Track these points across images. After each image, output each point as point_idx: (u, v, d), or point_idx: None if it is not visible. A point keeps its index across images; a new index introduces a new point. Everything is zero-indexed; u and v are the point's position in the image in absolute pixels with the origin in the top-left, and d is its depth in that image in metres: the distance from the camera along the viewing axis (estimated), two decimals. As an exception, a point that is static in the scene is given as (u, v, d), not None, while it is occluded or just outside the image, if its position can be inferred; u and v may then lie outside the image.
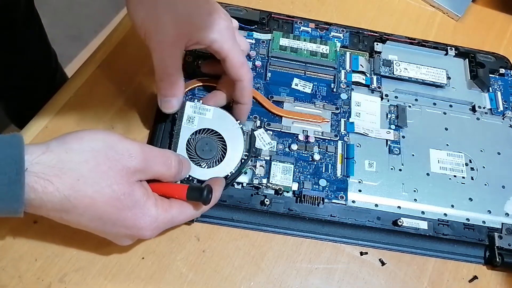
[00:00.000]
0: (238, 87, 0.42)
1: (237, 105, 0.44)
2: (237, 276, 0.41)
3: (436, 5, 0.61)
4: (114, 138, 0.34)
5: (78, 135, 0.34)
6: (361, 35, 0.55)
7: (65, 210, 0.32)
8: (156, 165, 0.36)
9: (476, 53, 0.55)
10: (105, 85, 0.48)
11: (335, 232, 0.44)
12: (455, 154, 0.48)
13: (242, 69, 0.42)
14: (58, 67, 0.81)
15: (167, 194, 0.37)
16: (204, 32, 0.39)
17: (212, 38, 0.39)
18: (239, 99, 0.43)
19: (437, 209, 0.45)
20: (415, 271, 0.43)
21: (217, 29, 0.39)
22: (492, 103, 0.52)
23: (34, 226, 0.40)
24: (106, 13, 1.39)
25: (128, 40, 0.51)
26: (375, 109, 0.50)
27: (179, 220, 0.38)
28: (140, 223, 0.35)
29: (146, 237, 0.36)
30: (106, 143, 0.34)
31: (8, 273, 0.38)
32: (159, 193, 0.37)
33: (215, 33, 0.39)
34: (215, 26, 0.39)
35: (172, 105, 0.42)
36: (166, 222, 0.36)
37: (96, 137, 0.34)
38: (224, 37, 0.40)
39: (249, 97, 0.43)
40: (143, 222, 0.35)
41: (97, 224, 0.34)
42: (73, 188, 0.31)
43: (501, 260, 0.43)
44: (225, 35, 0.40)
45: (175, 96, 0.41)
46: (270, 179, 0.43)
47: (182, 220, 0.38)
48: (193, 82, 0.47)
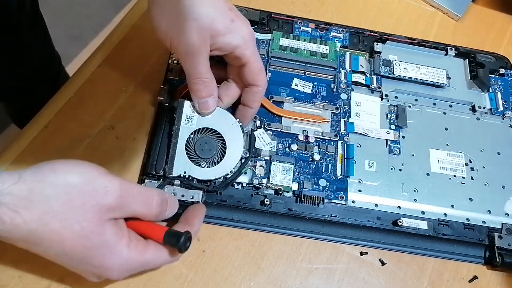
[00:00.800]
0: (252, 91, 0.43)
1: (244, 107, 0.44)
2: (237, 276, 0.41)
3: (436, 5, 0.61)
4: (93, 173, 0.33)
5: (54, 166, 0.32)
6: (361, 35, 0.55)
7: (32, 243, 0.31)
8: (135, 204, 0.35)
9: (476, 53, 0.55)
10: (105, 85, 0.48)
11: (335, 232, 0.44)
12: (455, 154, 0.49)
13: (261, 75, 0.42)
14: (61, 69, 0.82)
15: (144, 234, 0.36)
16: (227, 38, 0.39)
17: (235, 44, 0.40)
18: (250, 103, 0.43)
19: (437, 209, 0.45)
20: (415, 271, 0.43)
21: (240, 35, 0.40)
22: (492, 103, 0.52)
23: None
24: (106, 13, 1.39)
25: (128, 40, 0.51)
26: (375, 109, 0.50)
27: (154, 265, 0.36)
28: (108, 263, 0.33)
29: (113, 278, 0.35)
30: (83, 177, 0.32)
31: (8, 273, 0.38)
32: (137, 231, 0.36)
33: (238, 39, 0.40)
34: (238, 32, 0.39)
35: (209, 105, 0.42)
36: (138, 266, 0.35)
37: (73, 170, 0.33)
38: (247, 43, 0.40)
39: (259, 103, 0.44)
40: (111, 262, 0.33)
41: (63, 259, 0.33)
42: (41, 221, 0.31)
43: (501, 260, 0.43)
44: (247, 41, 0.40)
45: (211, 96, 0.42)
46: (270, 179, 0.43)
47: (157, 265, 0.37)
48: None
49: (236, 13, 0.40)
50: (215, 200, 0.42)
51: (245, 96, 0.43)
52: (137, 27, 0.52)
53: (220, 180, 0.42)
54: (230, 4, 0.40)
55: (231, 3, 0.40)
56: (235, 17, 0.39)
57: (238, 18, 0.40)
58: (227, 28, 0.39)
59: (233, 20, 0.39)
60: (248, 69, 0.41)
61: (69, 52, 1.27)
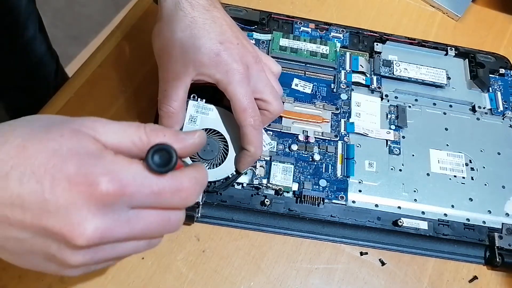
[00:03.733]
0: (240, 131, 0.40)
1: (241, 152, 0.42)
2: (237, 276, 0.41)
3: (436, 5, 0.61)
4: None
5: None
6: (361, 35, 0.55)
7: None
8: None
9: (476, 53, 0.55)
10: (105, 85, 0.48)
11: (335, 232, 0.44)
12: (455, 154, 0.49)
13: (243, 114, 0.39)
14: (59, 68, 0.82)
15: None
16: (210, 71, 0.39)
17: (218, 78, 0.39)
18: (241, 143, 0.41)
19: (437, 209, 0.45)
20: (415, 271, 0.43)
21: (223, 70, 0.39)
22: (492, 103, 0.52)
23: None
24: (106, 13, 1.39)
25: (128, 40, 0.51)
26: (375, 109, 0.50)
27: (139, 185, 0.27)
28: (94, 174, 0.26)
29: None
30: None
31: (8, 273, 0.38)
32: None
33: (221, 74, 0.39)
34: (221, 67, 0.39)
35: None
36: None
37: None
38: (229, 79, 0.39)
39: (250, 144, 0.40)
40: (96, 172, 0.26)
41: None
42: None
43: (501, 260, 0.43)
44: (230, 77, 0.39)
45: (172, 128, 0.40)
46: (270, 180, 0.43)
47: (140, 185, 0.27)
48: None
49: (228, 45, 0.39)
50: (215, 201, 0.42)
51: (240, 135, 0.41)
52: (137, 27, 0.52)
53: (220, 181, 0.42)
54: (227, 35, 0.39)
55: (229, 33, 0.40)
56: (223, 51, 0.39)
57: (227, 51, 0.39)
58: (211, 61, 0.38)
59: (218, 54, 0.38)
60: (232, 106, 0.40)
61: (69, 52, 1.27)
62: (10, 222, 0.25)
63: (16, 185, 0.25)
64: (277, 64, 0.44)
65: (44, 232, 0.25)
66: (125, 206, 0.26)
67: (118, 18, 0.84)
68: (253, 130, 0.40)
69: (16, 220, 0.25)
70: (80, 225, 0.25)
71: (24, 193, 0.25)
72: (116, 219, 0.26)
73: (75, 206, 0.25)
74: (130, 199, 0.26)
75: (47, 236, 0.26)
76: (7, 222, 0.25)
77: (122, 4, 1.40)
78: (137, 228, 0.27)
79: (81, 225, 0.25)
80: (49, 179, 0.25)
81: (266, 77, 0.41)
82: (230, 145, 0.42)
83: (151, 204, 0.27)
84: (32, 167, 0.25)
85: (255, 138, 0.40)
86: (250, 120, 0.40)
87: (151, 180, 0.27)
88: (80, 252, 0.26)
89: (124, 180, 0.26)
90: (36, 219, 0.25)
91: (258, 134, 0.40)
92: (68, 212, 0.25)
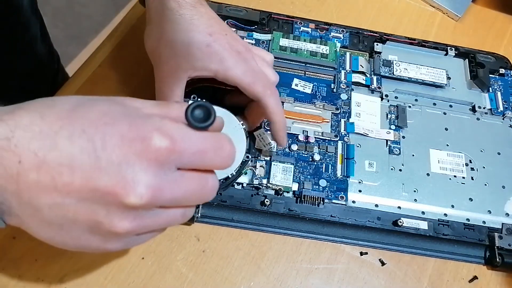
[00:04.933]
0: (261, 106, 0.40)
1: (270, 125, 0.42)
2: (237, 276, 0.41)
3: (436, 5, 0.61)
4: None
5: None
6: (361, 35, 0.55)
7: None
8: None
9: (476, 53, 0.55)
10: (105, 85, 0.48)
11: (335, 232, 0.44)
12: (455, 154, 0.49)
13: (253, 87, 0.39)
14: (60, 68, 0.82)
15: None
16: (203, 63, 0.39)
17: (214, 68, 0.39)
18: (267, 117, 0.41)
19: (437, 209, 0.45)
20: (415, 271, 0.43)
21: (216, 59, 0.38)
22: (492, 103, 0.52)
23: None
24: (106, 13, 1.39)
25: (128, 40, 0.51)
26: (375, 109, 0.50)
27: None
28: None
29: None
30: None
31: (8, 273, 0.38)
32: None
33: (215, 64, 0.39)
34: (214, 57, 0.38)
35: None
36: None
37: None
38: (225, 66, 0.39)
39: (274, 114, 0.40)
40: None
41: None
42: None
43: (501, 260, 0.43)
44: (226, 63, 0.39)
45: None
46: (270, 180, 0.43)
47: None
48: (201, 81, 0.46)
49: (217, 36, 0.39)
50: (215, 201, 0.42)
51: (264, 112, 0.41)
52: (137, 27, 0.52)
53: (220, 181, 0.42)
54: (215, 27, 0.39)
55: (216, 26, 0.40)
56: (213, 41, 0.38)
57: (217, 42, 0.39)
58: (203, 53, 0.38)
59: (208, 45, 0.38)
60: (241, 87, 0.39)
61: (69, 52, 1.27)
62: (55, 185, 0.25)
63: (65, 143, 0.24)
64: (269, 53, 0.44)
65: (92, 195, 0.25)
66: (173, 165, 0.26)
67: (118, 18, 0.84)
68: (271, 97, 0.39)
69: (62, 183, 0.25)
70: (133, 181, 0.25)
71: (75, 151, 0.24)
72: (165, 179, 0.26)
73: (127, 162, 0.25)
74: (179, 157, 0.26)
75: (95, 200, 0.25)
76: (52, 186, 0.25)
77: (122, 4, 1.40)
78: (181, 190, 0.27)
79: (134, 182, 0.25)
80: (100, 136, 0.25)
81: (257, 65, 0.41)
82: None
83: (195, 164, 0.28)
84: (83, 126, 0.25)
85: (275, 105, 0.40)
86: (264, 90, 0.39)
87: (197, 138, 0.27)
88: (130, 215, 0.26)
89: (175, 136, 0.26)
90: (86, 179, 0.25)
91: (276, 99, 0.40)
92: (120, 169, 0.25)
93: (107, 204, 0.25)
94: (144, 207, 0.26)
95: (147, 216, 0.27)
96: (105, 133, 0.25)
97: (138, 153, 0.25)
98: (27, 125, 0.25)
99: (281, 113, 0.41)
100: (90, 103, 0.27)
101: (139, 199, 0.25)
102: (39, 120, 0.25)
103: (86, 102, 0.27)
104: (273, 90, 0.40)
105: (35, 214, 0.26)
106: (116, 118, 0.26)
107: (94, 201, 0.25)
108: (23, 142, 0.24)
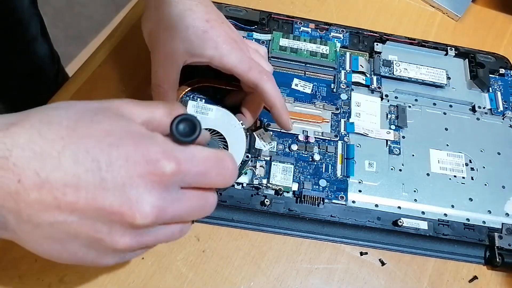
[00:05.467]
0: (258, 92, 0.40)
1: (271, 111, 0.42)
2: (237, 276, 0.41)
3: (436, 5, 0.61)
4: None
5: None
6: (361, 35, 0.55)
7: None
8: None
9: (476, 53, 0.55)
10: (105, 85, 0.48)
11: (335, 232, 0.44)
12: (455, 154, 0.49)
13: (249, 73, 0.39)
14: (60, 69, 0.82)
15: None
16: (199, 49, 0.39)
17: (210, 54, 0.39)
18: (266, 103, 0.41)
19: (437, 209, 0.45)
20: (415, 271, 0.43)
21: (212, 45, 0.38)
22: (492, 103, 0.52)
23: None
24: (106, 13, 1.39)
25: (128, 40, 0.51)
26: (375, 109, 0.50)
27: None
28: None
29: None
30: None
31: (8, 273, 0.38)
32: None
33: (211, 50, 0.39)
34: (209, 43, 0.38)
35: None
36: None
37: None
38: (221, 52, 0.39)
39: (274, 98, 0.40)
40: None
41: None
42: None
43: (501, 260, 0.43)
44: (221, 49, 0.39)
45: None
46: (270, 180, 0.43)
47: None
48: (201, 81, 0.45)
49: (214, 24, 0.39)
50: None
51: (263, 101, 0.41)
52: (137, 27, 0.52)
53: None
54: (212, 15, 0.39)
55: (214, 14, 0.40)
56: (209, 28, 0.38)
57: (213, 29, 0.39)
58: (199, 39, 0.38)
59: (205, 31, 0.38)
60: (236, 75, 0.39)
61: (69, 52, 1.27)
62: (58, 204, 0.24)
63: (69, 164, 0.24)
64: (262, 46, 0.45)
65: (97, 214, 0.25)
66: (177, 185, 0.27)
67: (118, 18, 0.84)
68: (268, 82, 0.39)
69: (66, 202, 0.25)
70: (138, 202, 0.25)
71: (80, 172, 0.24)
72: (169, 199, 0.26)
73: (132, 184, 0.25)
74: (183, 178, 0.27)
75: (99, 218, 0.25)
76: (54, 204, 0.24)
77: (122, 4, 1.40)
78: (183, 209, 0.27)
79: (139, 203, 0.25)
80: (105, 157, 0.25)
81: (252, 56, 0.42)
82: (230, 145, 0.42)
83: (197, 183, 0.28)
84: (87, 147, 0.25)
85: (273, 89, 0.40)
86: (260, 75, 0.39)
87: (200, 158, 0.27)
88: (131, 233, 0.26)
89: (179, 158, 0.26)
90: (91, 199, 0.25)
91: (273, 84, 0.40)
92: (126, 190, 0.25)
93: (110, 222, 0.25)
94: (148, 226, 0.26)
95: (148, 234, 0.27)
96: (110, 154, 0.25)
97: (143, 175, 0.25)
98: (25, 143, 0.24)
99: (279, 96, 0.41)
100: (89, 119, 0.26)
101: (145, 220, 0.25)
102: (39, 138, 0.25)
103: (85, 117, 0.26)
104: (269, 75, 0.40)
105: (33, 231, 0.26)
106: (121, 138, 0.25)
107: (98, 219, 0.25)
108: (22, 161, 0.24)
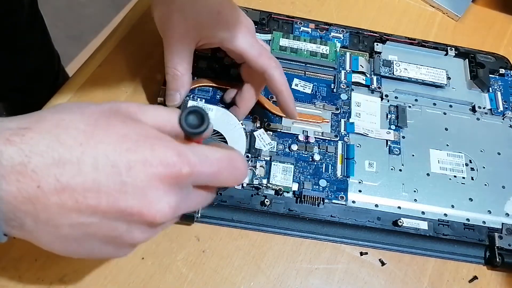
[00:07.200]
0: (266, 78, 0.41)
1: (277, 97, 0.43)
2: (237, 276, 0.41)
3: (436, 5, 0.61)
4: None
5: None
6: (361, 35, 0.55)
7: None
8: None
9: (476, 53, 0.55)
10: (105, 85, 0.48)
11: (335, 233, 0.44)
12: (455, 154, 0.48)
13: (260, 59, 0.41)
14: (61, 69, 0.82)
15: None
16: (212, 30, 0.39)
17: (222, 37, 0.40)
18: (273, 89, 0.42)
19: (437, 209, 0.45)
20: (415, 271, 0.43)
21: (225, 27, 0.39)
22: (492, 103, 0.52)
23: (34, 226, 0.40)
24: (106, 13, 1.39)
25: (128, 40, 0.51)
26: (375, 110, 0.50)
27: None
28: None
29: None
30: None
31: (8, 273, 0.38)
32: None
33: (224, 32, 0.39)
34: (223, 25, 0.39)
35: (173, 99, 0.42)
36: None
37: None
38: (233, 34, 0.40)
39: (281, 85, 0.42)
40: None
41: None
42: None
43: (501, 260, 0.43)
44: (233, 31, 0.40)
45: (177, 91, 0.42)
46: (270, 180, 0.43)
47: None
48: (201, 81, 0.46)
49: (228, 5, 0.40)
50: (215, 201, 0.42)
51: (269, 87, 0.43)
52: (137, 27, 0.52)
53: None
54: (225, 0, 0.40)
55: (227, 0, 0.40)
56: (223, 9, 0.39)
57: (226, 10, 0.39)
58: (213, 20, 0.39)
59: (219, 12, 0.39)
60: (247, 58, 0.40)
61: (69, 52, 1.27)
62: (79, 207, 0.25)
63: (90, 170, 0.25)
64: (266, 44, 0.46)
65: (117, 215, 0.26)
66: (190, 184, 0.28)
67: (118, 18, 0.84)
68: (276, 68, 0.41)
69: (88, 205, 0.25)
70: (158, 203, 0.26)
71: (100, 178, 0.25)
72: (183, 197, 0.28)
73: (151, 186, 0.26)
74: (195, 178, 0.28)
75: (118, 218, 0.26)
76: (75, 207, 0.25)
77: (122, 4, 1.40)
78: (193, 204, 0.29)
79: (158, 204, 0.26)
80: (124, 163, 0.25)
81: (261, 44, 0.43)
82: (230, 145, 0.42)
83: (209, 183, 0.29)
84: (105, 152, 0.25)
85: (281, 76, 0.42)
86: (270, 62, 0.41)
87: (213, 159, 0.28)
88: (149, 230, 0.28)
89: (193, 161, 0.27)
90: (112, 202, 0.25)
91: (281, 71, 0.42)
92: (145, 193, 0.26)
93: (130, 221, 0.27)
94: (165, 223, 0.28)
95: (161, 227, 0.29)
96: (129, 159, 0.26)
97: (161, 178, 0.26)
98: (44, 151, 0.25)
99: (286, 84, 0.42)
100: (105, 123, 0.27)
101: (164, 219, 0.27)
102: (58, 145, 0.25)
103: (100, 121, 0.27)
104: (277, 63, 0.41)
105: (51, 232, 0.26)
106: (137, 142, 0.26)
107: (118, 219, 0.26)
108: (42, 168, 0.24)
